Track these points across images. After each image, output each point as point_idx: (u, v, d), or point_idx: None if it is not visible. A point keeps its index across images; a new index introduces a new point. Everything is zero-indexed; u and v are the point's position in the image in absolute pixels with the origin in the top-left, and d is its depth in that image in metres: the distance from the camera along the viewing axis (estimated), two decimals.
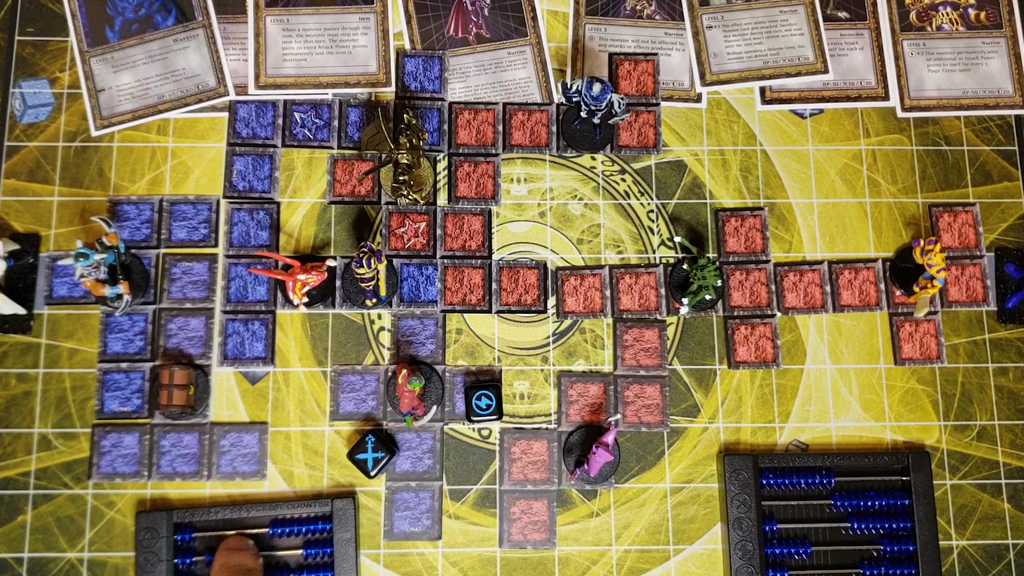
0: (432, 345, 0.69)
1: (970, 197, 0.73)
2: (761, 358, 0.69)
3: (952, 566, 0.67)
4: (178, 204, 0.70)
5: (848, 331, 0.70)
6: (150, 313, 0.68)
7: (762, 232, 0.71)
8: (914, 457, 0.67)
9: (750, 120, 0.74)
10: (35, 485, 0.66)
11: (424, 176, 0.71)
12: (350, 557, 0.64)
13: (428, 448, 0.67)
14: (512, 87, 0.74)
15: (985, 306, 0.71)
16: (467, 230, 0.70)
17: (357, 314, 0.69)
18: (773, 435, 0.68)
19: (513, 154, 0.72)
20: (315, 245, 0.70)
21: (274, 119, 0.72)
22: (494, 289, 0.70)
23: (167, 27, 0.74)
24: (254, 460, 0.66)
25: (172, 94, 0.73)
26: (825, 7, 0.77)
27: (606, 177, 0.72)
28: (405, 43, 0.74)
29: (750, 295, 0.70)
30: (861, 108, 0.75)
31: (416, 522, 0.66)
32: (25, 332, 0.68)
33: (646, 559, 0.66)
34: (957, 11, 0.77)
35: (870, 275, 0.71)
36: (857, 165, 0.73)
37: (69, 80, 0.73)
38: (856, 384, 0.69)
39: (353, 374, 0.68)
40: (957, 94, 0.75)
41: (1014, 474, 0.68)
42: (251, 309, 0.69)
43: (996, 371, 0.70)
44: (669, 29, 0.76)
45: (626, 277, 0.70)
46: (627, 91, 0.74)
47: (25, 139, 0.71)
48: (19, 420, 0.67)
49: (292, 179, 0.71)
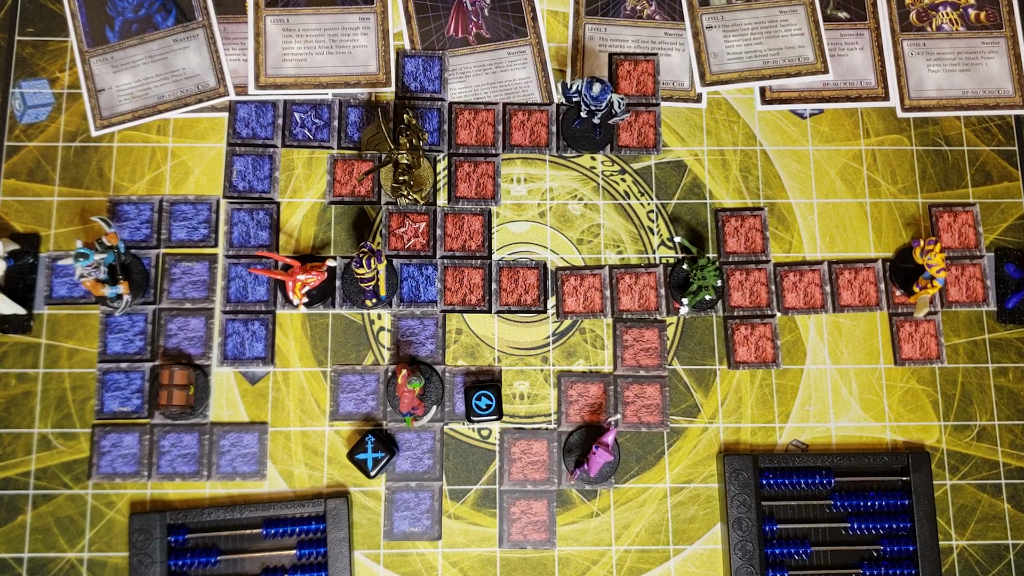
0: (432, 345, 0.69)
1: (970, 197, 0.73)
2: (761, 358, 0.69)
3: (952, 566, 0.67)
4: (178, 204, 0.70)
5: (848, 331, 0.70)
6: (150, 313, 0.68)
7: (762, 232, 0.71)
8: (914, 457, 0.67)
9: (750, 120, 0.74)
10: (35, 485, 0.66)
11: (424, 176, 0.71)
12: (344, 557, 0.64)
13: (428, 448, 0.67)
14: (512, 87, 0.74)
15: (985, 306, 0.71)
16: (467, 230, 0.70)
17: (357, 314, 0.69)
18: (773, 435, 0.68)
19: (513, 154, 0.72)
20: (315, 245, 0.70)
21: (274, 119, 0.72)
22: (494, 289, 0.70)
23: (167, 27, 0.74)
24: (254, 460, 0.66)
25: (172, 94, 0.73)
26: (825, 7, 0.77)
27: (606, 177, 0.72)
28: (405, 43, 0.74)
29: (750, 295, 0.70)
30: (861, 108, 0.75)
31: (416, 522, 0.66)
32: (25, 332, 0.68)
33: (646, 559, 0.66)
34: (957, 11, 0.77)
35: (870, 275, 0.71)
36: (857, 165, 0.73)
37: (69, 80, 0.73)
38: (856, 384, 0.69)
39: (353, 374, 0.68)
40: (957, 94, 0.75)
41: (1014, 474, 0.68)
42: (251, 309, 0.69)
43: (996, 371, 0.70)
44: (669, 29, 0.76)
45: (626, 277, 0.70)
46: (627, 91, 0.74)
47: (25, 139, 0.71)
48: (19, 420, 0.67)
49: (292, 179, 0.71)
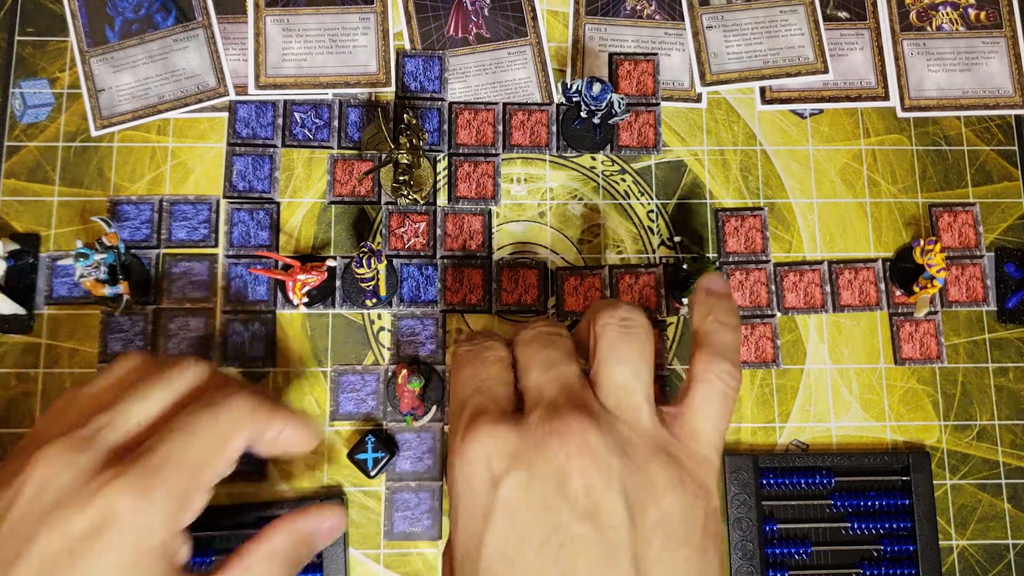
0: (432, 345, 0.69)
1: (970, 197, 0.73)
2: (761, 358, 0.69)
3: (952, 566, 0.67)
4: (178, 204, 0.70)
5: (848, 331, 0.70)
6: (150, 313, 0.68)
7: (762, 232, 0.71)
8: (914, 457, 0.67)
9: (750, 120, 0.74)
10: None
11: (424, 176, 0.71)
12: (339, 557, 0.64)
13: (428, 448, 0.67)
14: (512, 87, 0.74)
15: (985, 306, 0.71)
16: (467, 230, 0.70)
17: (357, 314, 0.69)
18: (773, 435, 0.68)
19: (513, 154, 0.72)
20: (315, 245, 0.70)
21: (274, 119, 0.72)
22: (494, 289, 0.70)
23: (167, 27, 0.74)
24: (254, 460, 0.66)
25: (172, 94, 0.73)
26: (825, 7, 0.77)
27: (606, 177, 0.72)
28: (405, 43, 0.75)
29: (750, 295, 0.70)
30: (861, 108, 0.75)
31: (416, 522, 0.66)
32: (25, 332, 0.68)
33: None
34: (957, 11, 0.77)
35: (870, 275, 0.71)
36: (857, 165, 0.73)
37: (69, 80, 0.73)
38: (856, 384, 0.69)
39: (353, 374, 0.68)
40: (957, 94, 0.75)
41: (1014, 474, 0.68)
42: (251, 309, 0.69)
43: (996, 371, 0.70)
44: (669, 29, 0.76)
45: (626, 277, 0.70)
46: (627, 91, 0.74)
47: (25, 139, 0.71)
48: (19, 420, 0.67)
49: (292, 179, 0.71)
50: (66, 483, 0.45)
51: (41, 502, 0.44)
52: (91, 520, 0.44)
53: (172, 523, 0.46)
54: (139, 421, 0.48)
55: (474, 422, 0.45)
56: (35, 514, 0.44)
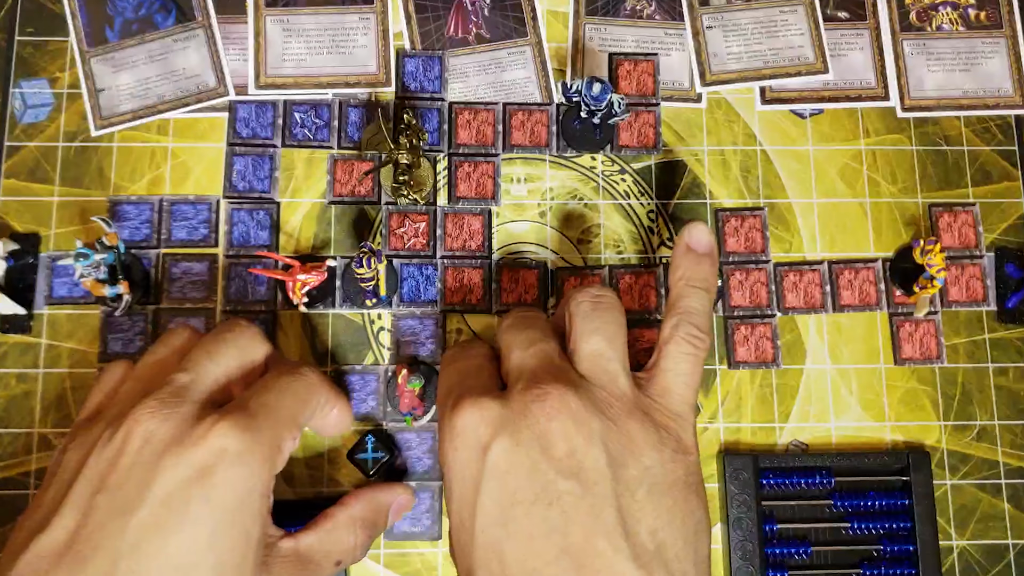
0: (432, 345, 0.69)
1: (970, 197, 0.73)
2: (761, 358, 0.69)
3: (952, 566, 0.67)
4: (178, 204, 0.70)
5: (848, 331, 0.70)
6: (150, 313, 0.68)
7: (762, 232, 0.71)
8: (914, 457, 0.67)
9: (750, 120, 0.74)
10: (35, 485, 0.66)
11: (424, 176, 0.71)
12: None
13: (428, 448, 0.67)
14: (512, 87, 0.74)
15: (985, 306, 0.71)
16: (467, 230, 0.70)
17: (357, 314, 0.69)
18: (773, 435, 0.68)
19: (513, 154, 0.72)
20: (315, 245, 0.70)
21: (274, 119, 0.72)
22: (494, 289, 0.70)
23: (167, 27, 0.74)
24: None
25: (172, 94, 0.73)
26: (825, 7, 0.77)
27: (606, 177, 0.72)
28: (405, 43, 0.75)
29: (750, 295, 0.70)
30: (861, 108, 0.75)
31: (416, 522, 0.66)
32: (25, 332, 0.68)
33: None
34: (957, 11, 0.77)
35: (870, 275, 0.71)
36: (857, 165, 0.73)
37: (69, 80, 0.73)
38: (856, 384, 0.69)
39: (353, 374, 0.68)
40: (957, 94, 0.75)
41: (1014, 474, 0.68)
42: (251, 309, 0.69)
43: (996, 371, 0.70)
44: (669, 29, 0.76)
45: (626, 277, 0.70)
46: (627, 91, 0.74)
47: (25, 139, 0.71)
48: (19, 420, 0.67)
49: (292, 179, 0.71)
50: (172, 430, 0.47)
51: (152, 448, 0.46)
52: (203, 458, 0.46)
53: (270, 466, 0.49)
54: (216, 378, 0.52)
55: (460, 400, 0.48)
56: (149, 459, 0.46)
